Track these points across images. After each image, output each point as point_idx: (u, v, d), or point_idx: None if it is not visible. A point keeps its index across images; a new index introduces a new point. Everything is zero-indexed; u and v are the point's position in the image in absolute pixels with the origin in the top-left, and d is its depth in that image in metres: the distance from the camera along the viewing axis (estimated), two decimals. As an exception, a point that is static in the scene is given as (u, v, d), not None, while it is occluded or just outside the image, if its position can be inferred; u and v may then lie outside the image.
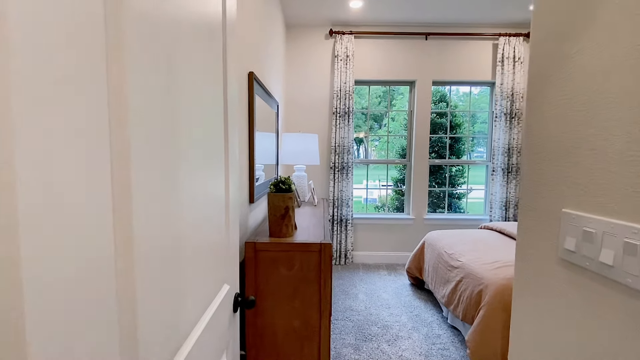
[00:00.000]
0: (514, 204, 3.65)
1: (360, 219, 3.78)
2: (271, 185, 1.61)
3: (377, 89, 9.12)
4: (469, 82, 3.78)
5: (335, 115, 3.55)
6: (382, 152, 9.94)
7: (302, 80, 3.66)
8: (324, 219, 2.11)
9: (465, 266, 2.16)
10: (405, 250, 3.83)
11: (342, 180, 3.61)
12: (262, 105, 2.18)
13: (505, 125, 3.61)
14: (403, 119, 6.50)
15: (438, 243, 2.70)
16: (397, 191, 6.35)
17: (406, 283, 3.22)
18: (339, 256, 3.70)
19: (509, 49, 3.56)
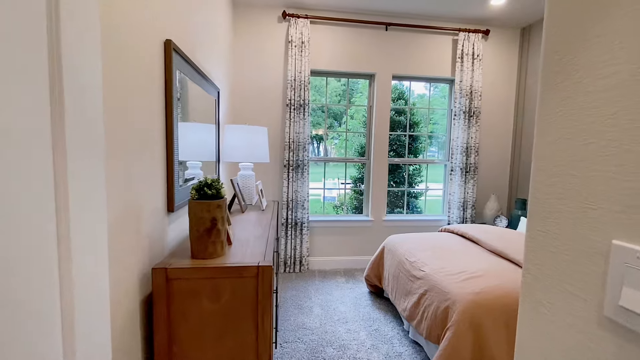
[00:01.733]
0: (472, 205, 3.59)
1: (316, 221, 3.48)
2: (193, 189, 1.22)
3: (337, 86, 8.88)
4: (429, 78, 3.64)
5: (290, 107, 3.20)
6: (341, 150, 9.80)
7: (251, 66, 3.25)
8: (270, 228, 1.76)
9: (429, 277, 1.94)
10: (364, 254, 3.61)
11: (297, 179, 3.28)
12: (194, 89, 1.77)
13: (464, 124, 3.52)
14: (362, 116, 6.33)
15: (399, 249, 2.48)
16: (356, 191, 6.16)
17: (365, 291, 2.98)
18: (293, 263, 3.37)
19: (468, 45, 3.47)
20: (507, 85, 3.73)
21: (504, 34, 3.66)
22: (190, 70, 1.65)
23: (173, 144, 1.36)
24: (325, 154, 3.96)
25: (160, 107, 1.29)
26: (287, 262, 3.35)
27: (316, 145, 15.43)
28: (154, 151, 1.23)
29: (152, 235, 1.23)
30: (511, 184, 3.80)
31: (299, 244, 3.34)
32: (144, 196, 1.14)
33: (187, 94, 1.66)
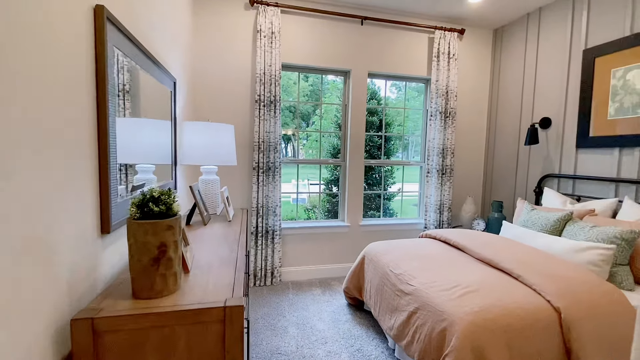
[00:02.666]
0: (448, 207, 3.51)
1: (289, 229, 3.20)
2: (133, 205, 0.91)
3: (304, 87, 8.63)
4: (405, 76, 3.50)
5: (259, 103, 2.89)
6: (310, 151, 9.54)
7: (215, 57, 2.90)
8: (239, 245, 1.47)
9: (419, 293, 1.75)
10: (341, 262, 3.39)
11: (269, 183, 2.98)
12: (143, 77, 1.43)
13: (440, 125, 3.43)
14: (334, 116, 6.11)
15: (381, 259, 2.28)
16: (329, 193, 5.96)
17: (343, 303, 2.76)
18: (264, 275, 3.06)
19: (444, 44, 3.38)
20: (480, 86, 3.70)
21: (478, 34, 3.62)
22: (135, 52, 1.31)
23: (108, 145, 1.03)
24: (295, 155, 3.69)
25: (88, 98, 0.95)
26: (258, 274, 3.04)
27: (284, 145, 15.14)
28: (79, 155, 0.90)
29: (76, 269, 0.89)
30: (485, 186, 3.78)
31: (271, 254, 3.04)
32: (61, 217, 0.81)
33: (132, 82, 1.32)
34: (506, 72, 3.50)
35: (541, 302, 1.55)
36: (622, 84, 2.40)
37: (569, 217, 2.22)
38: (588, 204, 2.46)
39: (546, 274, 1.71)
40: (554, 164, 2.97)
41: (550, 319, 1.49)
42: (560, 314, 1.49)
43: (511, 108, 3.43)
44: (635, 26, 2.32)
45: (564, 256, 1.95)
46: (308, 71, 3.27)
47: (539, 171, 3.12)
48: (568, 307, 1.49)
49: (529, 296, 1.58)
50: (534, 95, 3.16)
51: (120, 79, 1.18)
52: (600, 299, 1.55)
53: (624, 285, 1.80)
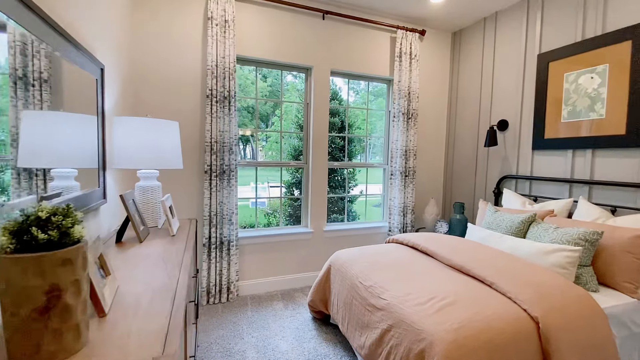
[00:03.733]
0: (411, 210, 3.46)
1: (247, 238, 2.92)
2: (4, 232, 0.61)
3: (262, 87, 8.25)
4: (368, 76, 3.40)
5: (211, 99, 2.58)
6: (271, 152, 9.19)
7: (160, 44, 2.53)
8: (182, 266, 1.19)
9: (392, 308, 1.60)
10: (305, 271, 3.18)
11: (223, 188, 2.67)
12: (52, 59, 1.10)
13: (403, 126, 3.37)
14: (295, 117, 5.88)
15: (349, 269, 2.10)
16: (290, 197, 5.70)
17: (307, 317, 2.54)
18: (219, 292, 2.74)
19: (406, 44, 3.33)
20: (441, 88, 3.72)
21: (438, 36, 3.64)
22: (36, 23, 0.98)
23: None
24: (254, 156, 3.41)
25: None
26: (211, 291, 2.71)
27: (242, 147, 14.52)
28: None
29: None
30: (446, 188, 3.80)
31: (226, 268, 2.73)
32: None
33: (35, 64, 0.99)
34: (465, 74, 3.54)
35: (519, 313, 1.46)
36: (575, 88, 2.48)
37: (533, 218, 2.22)
38: (546, 205, 2.51)
39: (519, 280, 1.64)
40: (511, 165, 3.03)
41: (529, 330, 1.41)
42: (539, 324, 1.42)
43: (470, 110, 3.47)
44: (587, 32, 2.41)
45: (531, 259, 1.93)
46: (266, 66, 3.02)
47: (497, 172, 3.17)
48: (545, 316, 1.42)
49: (506, 306, 1.50)
50: (492, 97, 3.22)
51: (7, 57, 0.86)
52: (574, 305, 1.51)
53: (589, 287, 1.80)
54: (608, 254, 1.86)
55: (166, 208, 1.61)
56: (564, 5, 2.56)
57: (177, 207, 2.66)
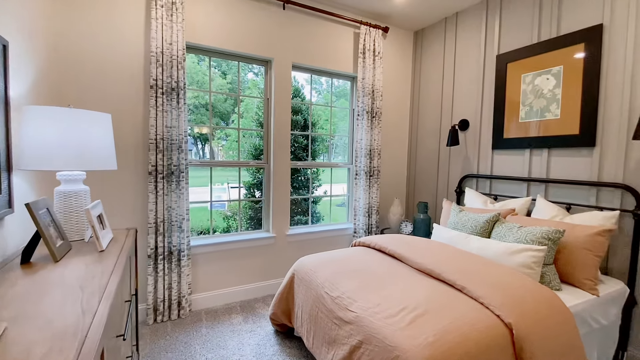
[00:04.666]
0: (376, 210, 3.39)
1: (201, 246, 2.63)
2: None
3: (221, 84, 7.80)
4: (332, 72, 3.26)
5: (155, 90, 2.27)
6: (231, 152, 8.75)
7: (91, 25, 2.16)
8: (101, 300, 0.94)
9: (362, 321, 1.46)
10: (266, 279, 2.96)
11: (171, 192, 2.37)
12: None
13: (367, 125, 3.28)
14: (255, 114, 5.60)
15: (314, 278, 1.94)
16: (252, 200, 5.41)
17: (269, 331, 2.34)
18: (169, 307, 2.44)
19: (369, 40, 3.24)
20: (403, 87, 3.69)
21: (400, 34, 3.60)
22: None
23: None
24: (212, 156, 3.12)
25: None
26: (159, 308, 2.39)
27: (200, 146, 13.68)
28: None
29: None
30: (409, 187, 3.79)
31: (176, 280, 2.43)
32: None
33: None
34: (427, 74, 3.54)
35: (492, 320, 1.39)
36: (531, 89, 2.54)
37: (497, 218, 2.22)
38: (507, 203, 2.54)
39: (489, 284, 1.59)
40: (472, 164, 3.06)
41: (504, 338, 1.34)
42: (512, 331, 1.35)
43: (432, 109, 3.48)
44: (542, 34, 2.47)
45: (498, 259, 1.90)
46: (221, 56, 2.75)
47: (459, 171, 3.20)
48: (518, 322, 1.37)
49: (479, 313, 1.42)
50: (453, 97, 3.24)
51: None
52: (544, 308, 1.48)
53: (552, 285, 1.81)
54: (568, 251, 1.88)
55: (92, 218, 1.32)
56: (521, 8, 2.61)
57: (113, 214, 2.31)
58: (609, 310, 1.82)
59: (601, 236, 1.82)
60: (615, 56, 2.06)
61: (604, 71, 2.11)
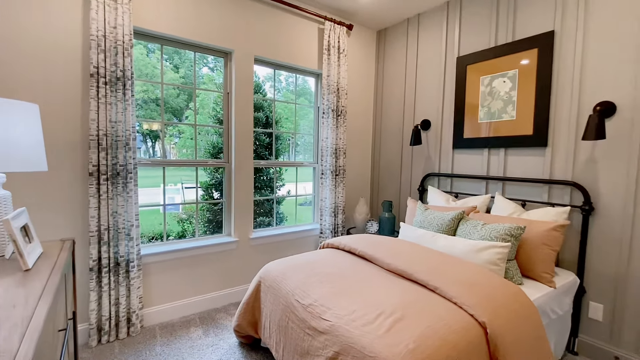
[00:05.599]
0: (342, 210, 3.34)
1: (153, 255, 2.37)
2: None
3: (174, 78, 7.26)
4: (296, 67, 3.14)
5: (97, 79, 1.99)
6: (185, 150, 8.19)
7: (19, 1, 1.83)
8: (25, 335, 0.74)
9: (337, 330, 1.37)
10: (228, 287, 2.76)
11: (117, 195, 2.10)
12: None
13: (332, 123, 3.22)
14: (213, 110, 5.30)
15: (283, 285, 1.81)
16: (208, 199, 5.10)
17: (233, 343, 2.17)
18: (117, 325, 2.16)
19: (334, 37, 3.18)
20: (367, 86, 3.69)
21: (364, 33, 3.59)
22: None
23: None
24: (163, 155, 2.84)
25: None
26: (104, 327, 2.11)
27: (150, 144, 12.73)
28: None
29: None
30: (373, 186, 3.80)
31: (125, 294, 2.16)
32: None
33: None
34: (389, 74, 3.57)
35: (467, 319, 1.39)
36: (489, 91, 2.64)
37: (462, 215, 2.27)
38: (468, 201, 2.63)
39: (460, 282, 1.59)
40: (434, 163, 3.13)
41: (479, 338, 1.34)
42: (486, 330, 1.36)
43: (395, 109, 3.51)
44: (499, 39, 2.58)
45: (465, 257, 1.93)
46: (176, 45, 2.50)
47: (421, 170, 3.26)
48: (491, 320, 1.37)
49: (454, 314, 1.41)
50: (415, 97, 3.29)
51: None
52: (512, 304, 1.51)
53: (515, 280, 1.87)
54: (528, 247, 1.97)
55: (13, 230, 1.08)
56: (479, 12, 2.71)
57: (45, 224, 1.98)
58: (564, 301, 1.93)
59: (557, 231, 1.93)
60: (565, 61, 2.20)
61: (555, 75, 2.25)
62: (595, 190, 2.07)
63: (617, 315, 1.99)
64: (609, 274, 2.02)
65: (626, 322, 1.96)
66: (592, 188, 2.09)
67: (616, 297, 1.99)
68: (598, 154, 2.06)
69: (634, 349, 1.93)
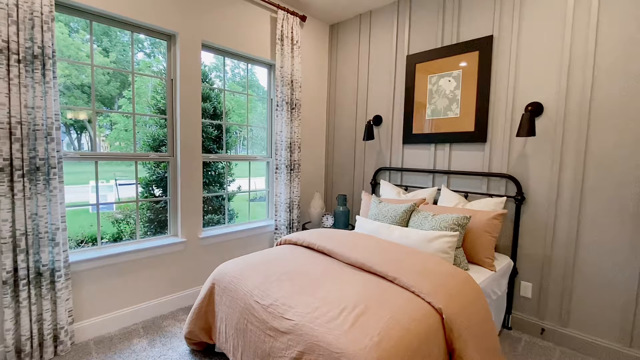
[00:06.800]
0: (297, 205, 3.30)
1: (85, 261, 2.09)
2: None
3: (105, 62, 6.46)
4: (248, 56, 2.99)
5: (7, 56, 1.66)
6: (118, 143, 7.36)
7: None
8: None
9: (301, 329, 1.33)
10: (178, 291, 2.56)
11: (38, 194, 1.79)
12: None
13: (287, 117, 3.14)
14: (152, 98, 4.86)
15: (240, 286, 1.72)
16: (151, 196, 4.67)
17: (184, 351, 2.01)
18: (40, 346, 1.85)
19: (287, 27, 3.09)
20: (320, 80, 3.67)
21: (317, 25, 3.55)
22: None
23: None
24: (92, 147, 2.47)
25: None
26: (24, 348, 1.80)
27: (75, 136, 11.25)
28: None
29: None
30: (327, 181, 3.82)
31: (50, 309, 1.87)
32: None
33: None
34: (343, 68, 3.59)
35: (425, 307, 1.45)
36: (436, 89, 2.79)
37: (414, 207, 2.37)
38: (418, 194, 2.76)
39: (417, 272, 1.66)
40: (385, 157, 3.24)
41: (437, 323, 1.40)
42: (442, 315, 1.43)
43: (348, 104, 3.55)
44: (445, 40, 2.73)
45: (419, 247, 2.02)
46: (108, 22, 2.20)
47: (373, 164, 3.35)
48: (447, 306, 1.45)
49: (413, 303, 1.46)
50: (368, 93, 3.36)
51: None
52: (463, 289, 1.61)
53: (462, 266, 2.01)
54: (473, 235, 2.13)
55: None
56: (427, 13, 2.83)
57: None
58: (502, 282, 2.13)
59: (497, 219, 2.11)
60: (502, 64, 2.40)
61: (494, 77, 2.45)
62: (526, 182, 2.31)
63: (543, 292, 2.26)
64: (537, 255, 2.28)
65: (550, 298, 2.23)
66: (523, 180, 2.33)
67: (542, 276, 2.26)
68: (529, 149, 2.30)
69: (557, 320, 2.21)
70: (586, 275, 2.08)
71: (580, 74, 2.07)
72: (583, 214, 2.08)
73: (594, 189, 2.04)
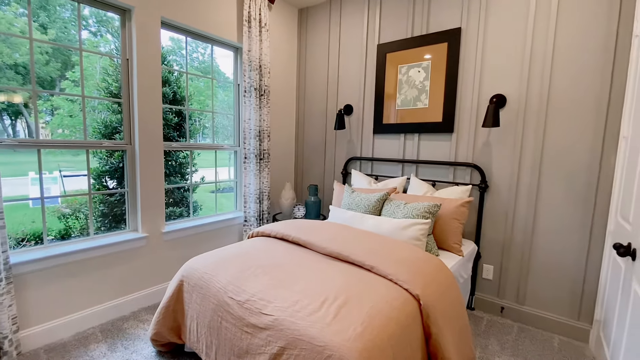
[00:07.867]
0: (267, 196, 3.21)
1: (30, 262, 1.85)
2: None
3: (39, 37, 5.72)
4: (212, 37, 2.79)
5: None
6: (61, 130, 6.65)
7: None
8: None
9: (281, 324, 1.28)
10: (139, 290, 2.38)
11: (-35, 187, 1.53)
12: None
13: (255, 103, 3.00)
14: (103, 81, 4.43)
15: (212, 282, 1.62)
16: (103, 188, 4.27)
17: (149, 354, 1.88)
18: (-25, 361, 1.63)
19: (255, 8, 2.93)
20: (290, 66, 3.55)
21: (285, 9, 3.41)
22: None
23: None
24: (30, 133, 2.15)
25: None
26: (-45, 365, 1.56)
27: (10, 122, 10.11)
28: None
29: None
30: (297, 170, 3.75)
31: (-12, 318, 1.64)
32: None
33: None
34: (312, 55, 3.50)
35: (403, 294, 1.47)
36: (406, 79, 2.82)
37: (386, 196, 2.39)
38: (388, 183, 2.80)
39: (394, 260, 1.68)
40: (356, 147, 3.24)
41: (415, 311, 1.43)
42: (419, 301, 1.46)
43: (318, 92, 3.48)
44: (415, 30, 2.75)
45: (393, 235, 2.05)
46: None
47: (344, 154, 3.34)
48: (424, 293, 1.48)
49: (392, 291, 1.47)
50: (338, 81, 3.31)
51: None
52: (438, 275, 1.66)
53: (434, 252, 2.08)
54: (442, 222, 2.21)
55: None
56: (398, 3, 2.83)
57: None
58: (468, 266, 2.25)
59: (464, 207, 2.20)
60: (469, 56, 2.48)
61: (461, 68, 2.52)
62: (489, 170, 2.43)
63: (502, 274, 2.42)
64: (498, 239, 2.42)
65: (509, 279, 2.40)
66: (487, 168, 2.44)
67: (502, 259, 2.41)
68: (492, 139, 2.41)
69: (514, 299, 2.38)
70: (541, 257, 2.26)
71: (540, 66, 2.19)
72: (540, 200, 2.24)
73: (549, 177, 2.19)
